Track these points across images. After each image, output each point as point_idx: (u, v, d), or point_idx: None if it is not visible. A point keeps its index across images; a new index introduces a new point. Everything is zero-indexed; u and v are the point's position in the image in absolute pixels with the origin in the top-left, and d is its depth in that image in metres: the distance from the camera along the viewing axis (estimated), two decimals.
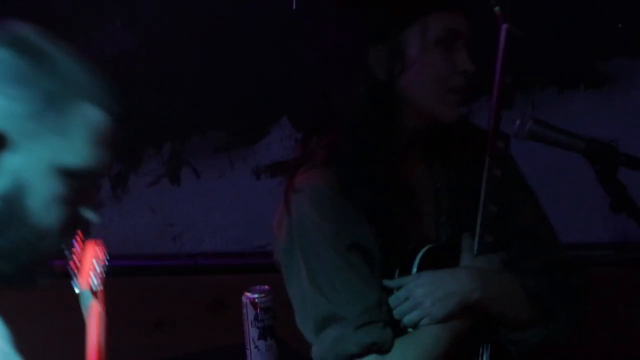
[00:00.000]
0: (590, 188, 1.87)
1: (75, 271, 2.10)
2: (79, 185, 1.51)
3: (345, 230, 1.93)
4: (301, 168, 2.00)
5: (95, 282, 2.09)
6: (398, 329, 1.95)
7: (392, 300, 1.94)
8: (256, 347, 2.81)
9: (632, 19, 3.47)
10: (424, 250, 1.96)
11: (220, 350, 3.00)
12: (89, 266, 2.13)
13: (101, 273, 2.14)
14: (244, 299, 2.83)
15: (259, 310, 2.81)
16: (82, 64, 1.58)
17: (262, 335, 2.80)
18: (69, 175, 1.50)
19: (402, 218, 1.96)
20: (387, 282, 1.95)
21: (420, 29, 1.91)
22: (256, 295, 2.82)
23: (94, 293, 2.08)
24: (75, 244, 2.15)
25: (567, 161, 2.01)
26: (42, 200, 1.46)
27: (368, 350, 1.91)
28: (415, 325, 1.93)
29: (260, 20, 3.59)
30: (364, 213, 1.94)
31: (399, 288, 1.94)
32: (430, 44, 1.91)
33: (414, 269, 1.96)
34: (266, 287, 2.85)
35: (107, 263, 2.20)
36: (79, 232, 2.10)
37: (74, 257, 2.13)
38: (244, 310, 2.82)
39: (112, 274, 3.67)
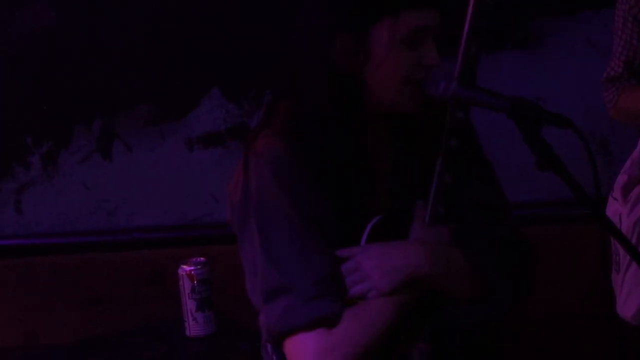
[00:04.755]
0: (519, 146, 1.88)
1: None
2: None
3: (303, 200, 1.90)
4: (263, 132, 1.95)
5: None
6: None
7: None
8: (194, 319, 2.81)
9: None
10: (373, 221, 1.95)
11: (158, 324, 3.00)
12: None
13: None
14: (180, 272, 2.82)
15: (195, 282, 2.80)
16: None
17: (199, 307, 2.80)
18: None
19: (358, 190, 1.95)
20: (337, 253, 1.93)
21: (389, 26, 1.88)
22: (192, 268, 2.81)
23: None
24: None
25: (496, 119, 2.02)
26: None
27: (316, 324, 1.87)
28: (361, 298, 1.92)
29: None
30: (321, 184, 1.92)
31: (348, 259, 1.93)
32: (397, 42, 1.89)
33: (363, 240, 1.95)
34: (202, 259, 2.85)
35: None
36: None
37: None
38: (181, 283, 2.82)
39: (47, 252, 3.66)
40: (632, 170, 2.65)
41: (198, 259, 2.85)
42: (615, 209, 2.60)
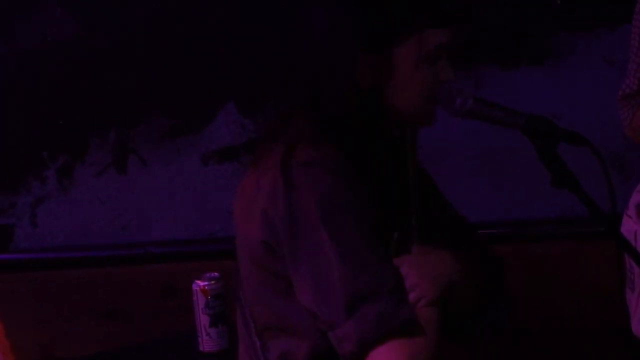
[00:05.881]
0: (535, 163, 1.88)
1: None
2: None
3: (367, 205, 1.89)
4: (300, 143, 1.91)
5: None
6: None
7: None
8: (208, 334, 2.81)
9: None
10: (394, 236, 1.95)
11: (172, 338, 3.00)
12: None
13: None
14: (194, 287, 2.82)
15: (209, 297, 2.80)
16: None
17: (213, 323, 2.80)
18: None
19: (380, 204, 1.95)
20: None
21: (414, 45, 1.90)
22: (206, 283, 2.81)
23: None
24: None
25: (512, 137, 2.03)
26: None
27: (410, 328, 1.84)
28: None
29: (204, 6, 3.58)
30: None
31: None
32: (421, 59, 1.90)
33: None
34: (216, 274, 2.85)
35: None
36: None
37: None
38: (195, 298, 2.82)
39: (62, 266, 3.67)
40: None
41: (212, 274, 2.85)
42: (630, 226, 2.60)
